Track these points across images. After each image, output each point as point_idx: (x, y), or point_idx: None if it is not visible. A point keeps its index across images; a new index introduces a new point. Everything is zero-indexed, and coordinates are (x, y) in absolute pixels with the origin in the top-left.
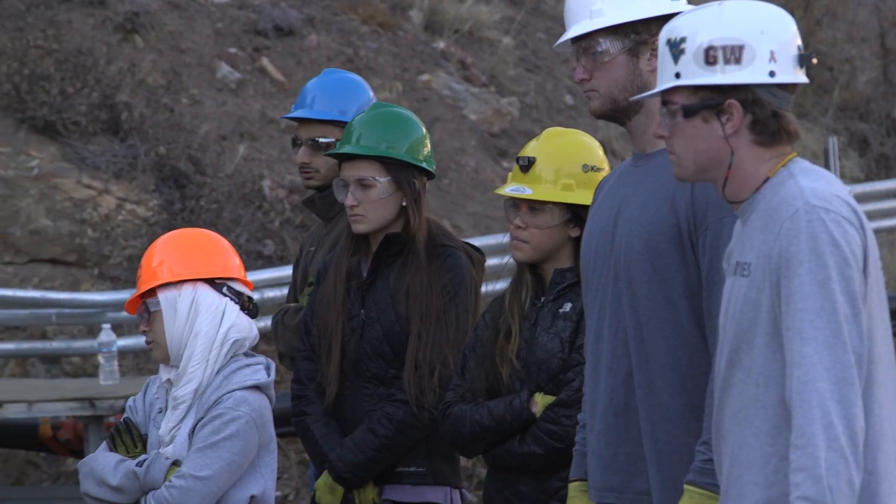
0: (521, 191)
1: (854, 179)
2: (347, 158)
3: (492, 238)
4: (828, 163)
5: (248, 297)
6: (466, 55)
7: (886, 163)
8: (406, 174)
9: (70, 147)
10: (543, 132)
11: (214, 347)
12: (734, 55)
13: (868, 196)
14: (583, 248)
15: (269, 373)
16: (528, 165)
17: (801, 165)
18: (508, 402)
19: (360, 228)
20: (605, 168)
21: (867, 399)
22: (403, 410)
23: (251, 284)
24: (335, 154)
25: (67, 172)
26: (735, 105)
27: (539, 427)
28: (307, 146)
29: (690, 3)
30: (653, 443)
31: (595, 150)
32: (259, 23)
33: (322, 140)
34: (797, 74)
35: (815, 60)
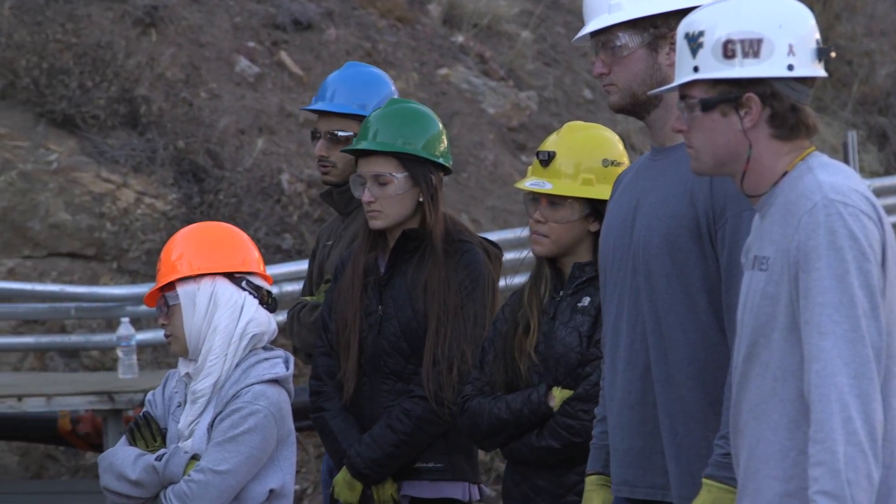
0: (541, 185)
1: (873, 173)
2: (364, 154)
3: (510, 232)
4: (847, 157)
5: (267, 292)
6: (485, 49)
7: None
8: (422, 170)
9: (89, 141)
10: (564, 126)
11: (233, 341)
12: (753, 49)
13: (887, 190)
14: (601, 242)
15: (288, 366)
16: (548, 160)
17: (820, 159)
18: (526, 396)
19: (377, 224)
20: (626, 162)
21: (886, 393)
22: (422, 406)
23: (270, 279)
24: (352, 150)
25: (86, 166)
26: (753, 99)
27: (556, 421)
28: (325, 139)
29: None
30: (671, 437)
31: (615, 145)
32: (277, 17)
33: (341, 133)
34: (816, 68)
35: (834, 54)
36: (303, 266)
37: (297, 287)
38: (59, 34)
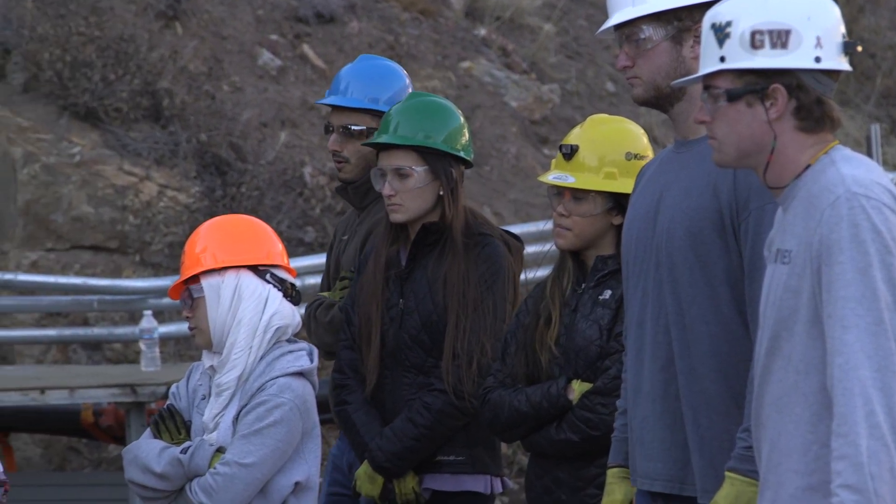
0: (564, 179)
1: None
2: (385, 148)
3: (532, 225)
4: (870, 150)
5: (291, 284)
6: (507, 42)
7: None
8: (443, 163)
9: (112, 134)
10: (587, 119)
11: (258, 334)
12: (781, 40)
13: None
14: (624, 235)
15: (312, 359)
16: (571, 153)
17: (843, 153)
18: (546, 389)
19: (398, 218)
20: (649, 155)
21: None
22: (442, 400)
23: (294, 271)
24: (373, 143)
25: (109, 159)
26: (780, 90)
27: (575, 414)
28: (338, 133)
29: None
30: (694, 429)
31: (639, 138)
32: (300, 10)
33: (354, 128)
34: (841, 62)
35: (860, 48)
36: (325, 259)
37: (320, 280)
38: (83, 27)
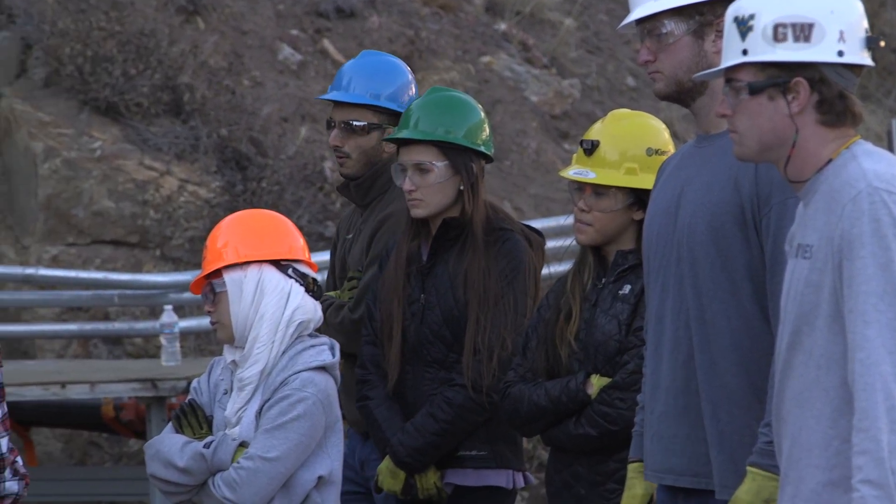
0: (585, 174)
1: None
2: (405, 143)
3: (553, 220)
4: (891, 145)
5: (313, 279)
6: (528, 37)
7: None
8: (463, 158)
9: (132, 128)
10: (608, 114)
11: (280, 329)
12: (804, 33)
13: None
14: (645, 230)
15: (334, 353)
16: (592, 149)
17: (864, 147)
18: (565, 384)
19: (419, 213)
20: (670, 150)
21: None
22: (463, 395)
23: (315, 266)
24: (393, 139)
25: (130, 154)
26: (802, 83)
27: (593, 409)
28: (340, 129)
29: None
30: (714, 424)
31: (660, 133)
32: (320, 4)
33: (355, 123)
34: (864, 56)
35: (883, 43)
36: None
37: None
38: (103, 22)
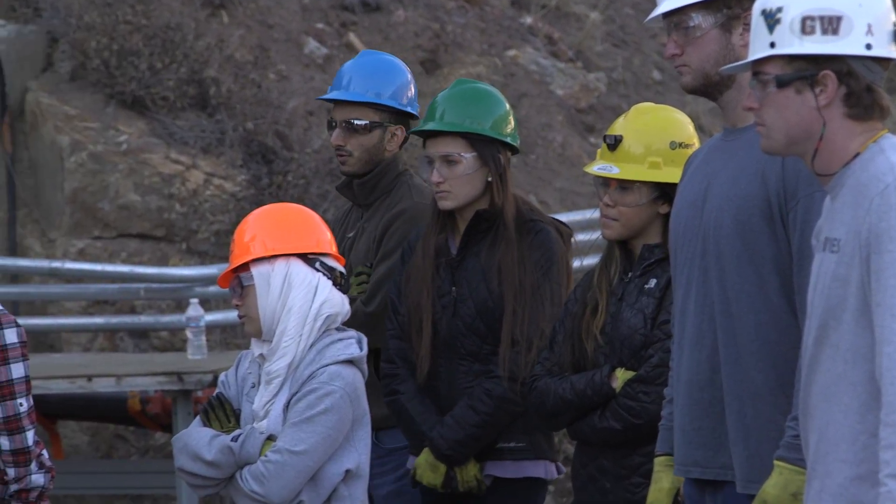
0: (609, 169)
1: None
2: (432, 135)
3: (579, 214)
4: None
5: (340, 273)
6: (553, 30)
7: None
8: (491, 149)
9: (158, 122)
10: (631, 109)
11: (307, 322)
12: (832, 26)
13: None
14: (671, 223)
15: (362, 347)
16: (616, 143)
17: (892, 141)
18: (590, 377)
19: (447, 205)
20: (695, 144)
21: None
22: (503, 386)
23: (343, 259)
24: (419, 131)
25: (156, 147)
26: (830, 76)
27: (618, 402)
28: (342, 128)
29: None
30: (739, 418)
31: (684, 126)
32: None
33: (356, 122)
34: (892, 50)
35: None
36: None
37: None
38: (129, 16)
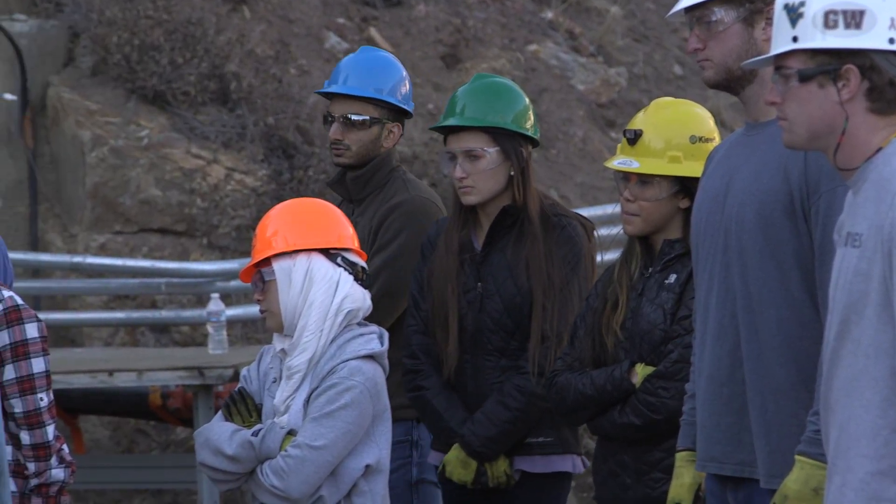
0: (629, 164)
1: None
2: (453, 130)
3: (599, 209)
4: None
5: (362, 268)
6: (574, 25)
7: None
8: (513, 144)
9: (179, 117)
10: (651, 103)
11: (328, 317)
12: (855, 20)
13: None
14: (693, 218)
15: (383, 342)
16: (636, 138)
17: None
18: (610, 373)
19: (471, 200)
20: (715, 138)
21: None
22: (533, 382)
23: (364, 254)
24: (439, 127)
25: (177, 142)
26: (853, 70)
27: (637, 398)
28: (339, 123)
29: None
30: (761, 414)
31: (704, 121)
32: None
33: (354, 117)
34: None
35: None
36: None
37: None
38: (150, 11)
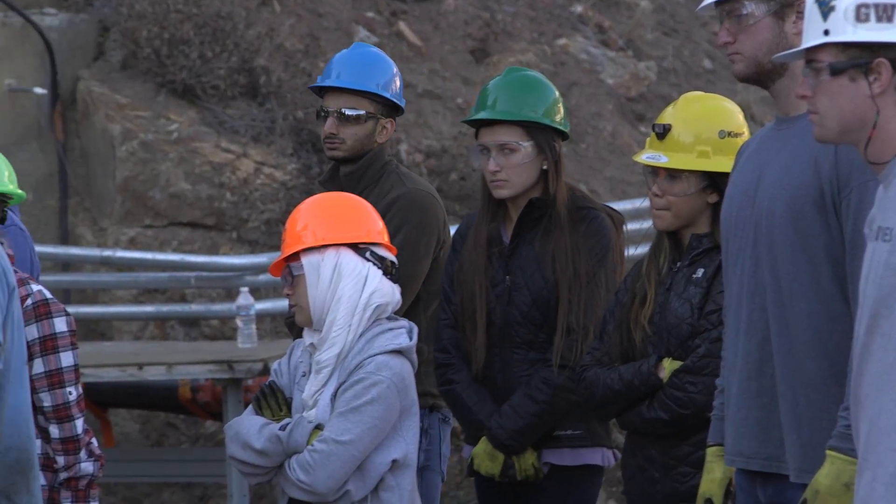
0: (657, 159)
1: None
2: (485, 124)
3: (628, 203)
4: None
5: (391, 262)
6: (604, 19)
7: None
8: (546, 137)
9: (209, 111)
10: (680, 97)
11: (357, 312)
12: (886, 13)
13: None
14: (723, 213)
15: (412, 337)
16: (664, 132)
17: None
18: (637, 367)
19: (503, 193)
20: (745, 133)
21: None
22: (561, 374)
23: (394, 249)
24: (471, 120)
25: (206, 136)
26: (884, 64)
27: (665, 393)
28: (334, 117)
29: None
30: (791, 408)
31: (734, 115)
32: None
33: (349, 112)
34: None
35: None
36: None
37: None
38: (180, 5)
